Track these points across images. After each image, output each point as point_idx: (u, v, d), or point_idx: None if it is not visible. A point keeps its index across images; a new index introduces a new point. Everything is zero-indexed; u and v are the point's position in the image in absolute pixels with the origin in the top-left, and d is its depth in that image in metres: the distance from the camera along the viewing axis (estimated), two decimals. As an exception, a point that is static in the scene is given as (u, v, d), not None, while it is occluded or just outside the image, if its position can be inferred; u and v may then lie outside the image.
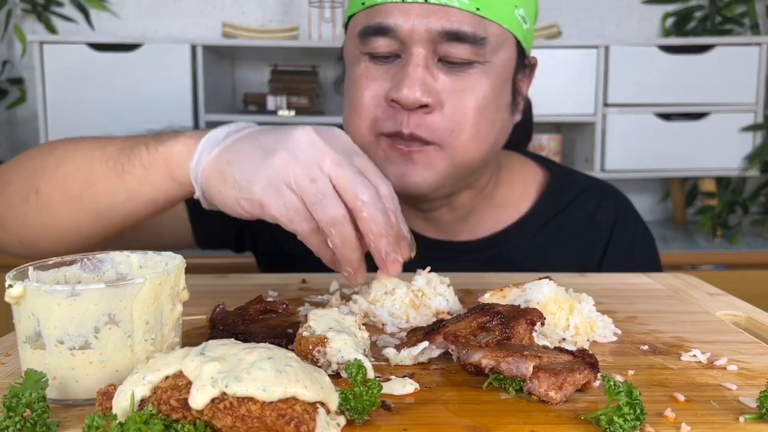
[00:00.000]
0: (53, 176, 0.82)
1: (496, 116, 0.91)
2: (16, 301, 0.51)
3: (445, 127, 0.87)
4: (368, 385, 0.47)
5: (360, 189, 0.66)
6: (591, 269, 1.04)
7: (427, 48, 0.86)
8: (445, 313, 0.73)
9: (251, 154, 0.70)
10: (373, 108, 0.89)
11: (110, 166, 0.79)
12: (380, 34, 0.87)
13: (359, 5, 0.91)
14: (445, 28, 0.84)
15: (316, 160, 0.67)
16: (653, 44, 2.61)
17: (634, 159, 2.65)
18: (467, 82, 0.87)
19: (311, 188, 0.66)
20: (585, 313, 0.68)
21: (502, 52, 0.89)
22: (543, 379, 0.50)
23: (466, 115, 0.87)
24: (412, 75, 0.85)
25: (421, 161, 0.89)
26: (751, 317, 0.76)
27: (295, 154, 0.67)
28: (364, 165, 0.71)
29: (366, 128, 0.90)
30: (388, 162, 0.90)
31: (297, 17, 2.96)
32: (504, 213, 1.06)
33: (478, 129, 0.88)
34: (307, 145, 0.68)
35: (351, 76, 0.93)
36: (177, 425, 0.43)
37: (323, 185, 0.66)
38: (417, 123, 0.86)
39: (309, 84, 2.84)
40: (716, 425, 0.48)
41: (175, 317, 0.56)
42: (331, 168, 0.67)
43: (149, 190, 0.78)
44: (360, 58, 0.91)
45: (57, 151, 0.85)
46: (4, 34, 2.88)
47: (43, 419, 0.46)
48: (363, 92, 0.89)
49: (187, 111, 2.59)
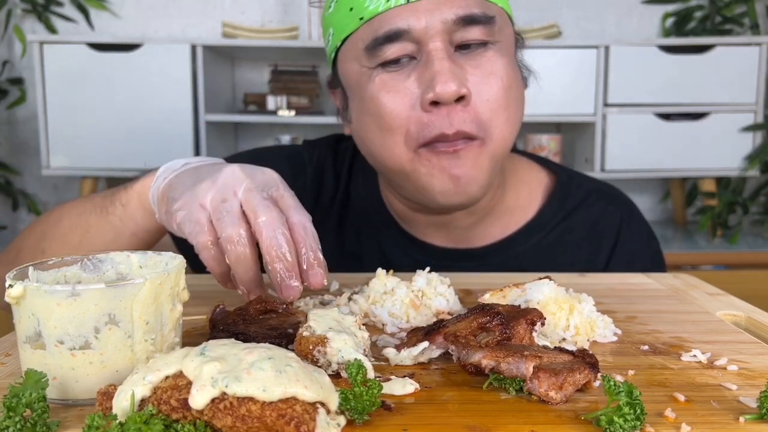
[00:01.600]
0: (55, 235, 0.92)
1: (519, 93, 0.92)
2: (16, 301, 0.51)
3: (485, 115, 0.87)
4: (368, 385, 0.47)
5: (261, 212, 0.67)
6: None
7: (444, 39, 0.85)
8: (445, 313, 0.73)
9: (186, 181, 0.74)
10: (406, 120, 0.86)
11: (98, 212, 0.87)
12: (392, 40, 0.85)
13: (356, 22, 0.88)
14: (458, 15, 0.84)
15: (232, 186, 0.70)
16: (653, 44, 2.61)
17: (634, 159, 2.65)
18: (487, 65, 0.87)
19: (220, 206, 0.68)
20: (585, 313, 0.68)
21: (506, 29, 0.91)
22: (543, 379, 0.50)
23: (498, 98, 0.87)
24: (441, 69, 0.83)
25: (468, 158, 0.87)
26: (751, 317, 0.76)
27: (216, 181, 0.70)
28: (281, 195, 0.71)
29: (403, 145, 0.88)
30: (436, 171, 0.88)
31: (297, 17, 2.96)
32: (512, 218, 1.05)
33: (509, 111, 0.89)
34: (229, 174, 0.71)
35: (366, 95, 0.89)
36: (177, 425, 0.43)
37: (231, 205, 0.68)
38: (460, 119, 0.85)
39: (309, 84, 2.84)
40: (716, 425, 0.48)
41: (175, 317, 0.56)
42: (243, 193, 0.69)
43: (130, 224, 0.85)
44: (371, 73, 0.88)
45: (55, 213, 0.95)
46: (4, 34, 2.88)
47: (43, 419, 0.46)
48: (390, 107, 0.86)
49: (187, 111, 2.59)
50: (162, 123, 2.58)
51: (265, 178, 0.72)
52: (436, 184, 0.88)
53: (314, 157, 1.10)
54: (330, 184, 1.09)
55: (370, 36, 0.86)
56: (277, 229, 0.66)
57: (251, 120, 2.81)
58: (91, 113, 2.56)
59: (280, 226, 0.67)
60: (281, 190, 0.71)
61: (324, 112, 2.84)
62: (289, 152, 1.12)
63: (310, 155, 1.11)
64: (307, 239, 0.68)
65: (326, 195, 1.08)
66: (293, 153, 1.12)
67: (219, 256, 0.69)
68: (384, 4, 0.85)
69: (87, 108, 2.56)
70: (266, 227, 0.66)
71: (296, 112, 2.74)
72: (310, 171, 1.09)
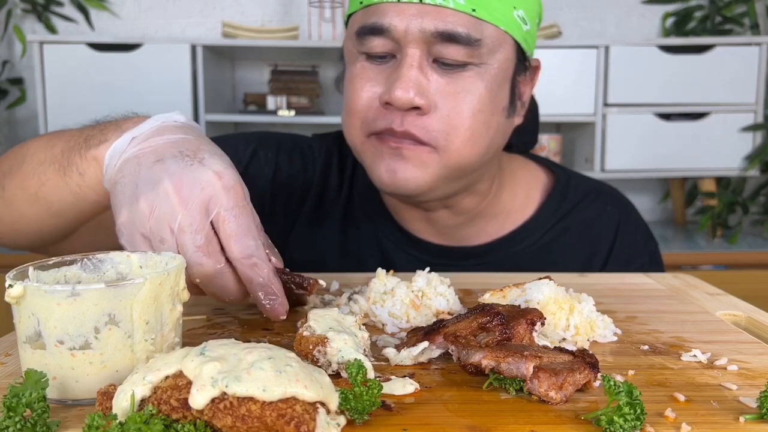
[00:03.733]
0: (16, 175, 0.84)
1: (492, 119, 0.90)
2: (16, 301, 0.51)
3: (439, 129, 0.87)
4: (368, 385, 0.47)
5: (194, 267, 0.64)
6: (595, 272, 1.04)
7: (422, 49, 0.86)
8: (445, 313, 0.73)
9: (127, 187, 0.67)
10: (365, 108, 0.90)
11: (56, 169, 0.79)
12: (376, 33, 0.87)
13: (358, 4, 0.91)
14: (438, 29, 0.84)
15: (167, 221, 0.64)
16: (653, 44, 2.61)
17: (634, 159, 2.65)
18: (461, 84, 0.87)
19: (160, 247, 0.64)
20: (585, 313, 0.68)
21: (499, 53, 0.88)
22: (543, 379, 0.50)
23: (461, 117, 0.87)
24: (405, 76, 0.85)
25: (411, 159, 0.88)
26: (751, 317, 0.76)
27: (153, 210, 0.64)
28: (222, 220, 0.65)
29: (358, 128, 0.92)
30: (378, 158, 0.90)
31: (297, 17, 2.96)
32: (508, 218, 1.06)
33: (472, 132, 0.88)
34: (164, 201, 0.64)
35: (348, 75, 0.93)
36: (177, 425, 0.43)
37: (169, 247, 0.64)
38: (411, 122, 0.87)
39: (309, 84, 2.84)
40: (716, 425, 0.48)
41: (175, 317, 0.56)
42: (177, 233, 0.63)
43: (90, 194, 0.78)
44: (357, 57, 0.91)
45: (23, 150, 0.86)
46: (4, 34, 2.88)
47: (43, 419, 0.46)
48: (358, 93, 0.90)
49: (187, 111, 2.59)
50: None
51: (203, 198, 0.64)
52: (377, 170, 0.91)
53: (323, 150, 1.12)
54: (335, 178, 1.10)
55: (361, 22, 0.89)
56: (215, 281, 0.65)
57: (251, 120, 2.81)
58: (91, 113, 2.55)
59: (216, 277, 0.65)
60: (222, 213, 0.64)
61: (324, 112, 2.84)
62: (302, 143, 1.13)
63: (319, 148, 1.12)
64: (253, 277, 0.65)
65: (332, 189, 1.09)
66: (305, 144, 1.13)
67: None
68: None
69: (87, 108, 2.55)
70: (205, 284, 0.65)
71: (296, 112, 2.74)
72: (319, 163, 1.10)
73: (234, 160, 1.09)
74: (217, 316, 0.75)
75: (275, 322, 0.72)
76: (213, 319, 0.74)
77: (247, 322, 0.73)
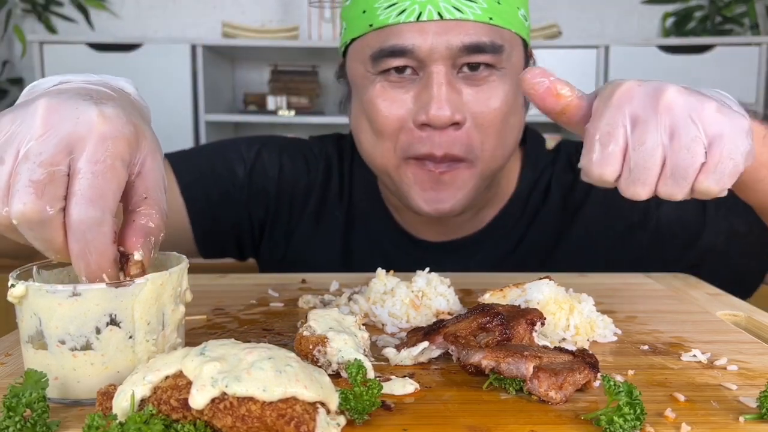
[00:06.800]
0: None
1: (516, 119, 0.93)
2: (18, 301, 0.51)
3: (475, 138, 0.88)
4: (368, 385, 0.47)
5: (16, 202, 0.50)
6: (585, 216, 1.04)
7: (447, 64, 0.86)
8: (445, 313, 0.73)
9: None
10: (398, 129, 0.89)
11: None
12: (396, 56, 0.86)
13: (365, 27, 0.89)
14: (464, 43, 0.85)
15: (17, 143, 0.51)
16: (653, 44, 2.61)
17: (634, 159, 2.64)
18: (489, 91, 0.88)
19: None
20: (585, 313, 0.68)
21: (514, 56, 0.91)
22: (543, 379, 0.50)
23: (494, 122, 0.88)
24: (438, 95, 0.85)
25: (452, 183, 0.89)
26: (751, 317, 0.76)
27: (12, 123, 0.52)
28: (77, 171, 0.51)
29: (390, 153, 0.91)
30: (418, 187, 0.90)
31: (297, 17, 2.96)
32: (501, 200, 1.06)
33: (502, 134, 0.90)
34: (29, 118, 0.52)
35: (365, 98, 0.91)
36: (177, 425, 0.43)
37: (4, 169, 0.50)
38: (450, 142, 0.87)
39: (309, 84, 2.85)
40: (716, 425, 0.48)
41: (177, 318, 0.56)
42: (21, 161, 0.51)
43: None
44: (374, 79, 0.90)
45: None
46: (4, 34, 2.88)
47: (43, 419, 0.46)
48: (385, 115, 0.89)
49: (187, 111, 2.59)
50: (162, 123, 2.56)
51: (70, 133, 0.51)
52: (416, 197, 0.91)
53: (323, 152, 1.12)
54: (336, 181, 1.10)
55: (376, 45, 0.88)
56: (37, 228, 0.50)
57: (251, 120, 2.81)
58: (91, 113, 2.56)
59: (39, 225, 0.50)
60: (81, 164, 0.50)
61: (324, 112, 2.84)
62: (303, 146, 1.13)
63: (319, 150, 1.12)
64: (77, 251, 0.51)
65: (333, 191, 1.10)
66: (306, 148, 1.13)
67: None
68: (394, 18, 0.86)
69: (87, 108, 2.56)
70: (24, 229, 0.51)
71: (296, 112, 2.74)
72: (320, 166, 1.11)
73: (239, 161, 1.10)
74: (217, 316, 0.75)
75: (275, 323, 0.73)
76: (213, 319, 0.74)
77: (247, 322, 0.73)
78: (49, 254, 0.53)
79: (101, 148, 0.51)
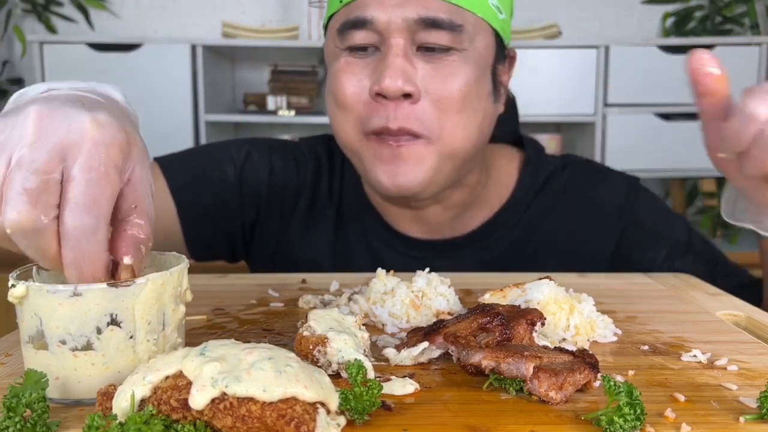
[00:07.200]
0: None
1: (479, 104, 0.92)
2: (18, 301, 0.51)
3: (432, 114, 0.88)
4: (368, 385, 0.47)
5: (8, 211, 0.50)
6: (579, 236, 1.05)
7: (405, 38, 0.87)
8: (445, 313, 0.73)
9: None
10: (357, 104, 0.90)
11: None
12: (358, 27, 0.88)
13: (338, 4, 0.92)
14: (421, 16, 0.86)
15: (10, 147, 0.51)
16: (653, 44, 2.61)
17: (634, 159, 2.65)
18: (447, 69, 0.88)
19: None
20: (585, 313, 0.68)
21: (479, 40, 0.91)
22: (543, 380, 0.50)
23: (451, 100, 0.88)
24: (392, 65, 0.86)
25: (410, 157, 0.89)
26: (751, 317, 0.76)
27: (3, 130, 0.52)
28: (70, 178, 0.50)
29: (352, 128, 0.92)
30: (378, 161, 0.91)
31: (297, 17, 2.96)
32: (494, 204, 1.07)
33: (462, 115, 0.90)
34: (20, 125, 0.52)
35: (332, 72, 0.94)
36: (177, 425, 0.43)
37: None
38: (404, 115, 0.87)
39: (309, 84, 2.85)
40: (716, 425, 0.48)
41: (177, 318, 0.56)
42: (13, 167, 0.50)
43: None
44: (340, 54, 0.92)
45: None
46: (4, 34, 2.88)
47: (43, 419, 0.46)
48: (345, 88, 0.91)
49: (187, 111, 2.59)
50: (162, 123, 2.58)
51: (63, 140, 0.50)
52: (377, 171, 0.91)
53: (313, 153, 1.13)
54: (326, 180, 1.11)
55: (342, 19, 0.90)
56: (31, 237, 0.50)
57: (251, 120, 2.81)
58: (91, 113, 2.56)
59: (33, 234, 0.50)
60: (74, 171, 0.50)
61: (324, 112, 2.84)
62: (293, 147, 1.14)
63: (309, 150, 1.13)
64: (70, 258, 0.50)
65: (323, 190, 1.10)
66: (296, 148, 1.14)
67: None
68: None
69: (87, 108, 2.56)
70: (18, 238, 0.50)
71: (296, 112, 2.74)
72: (310, 166, 1.11)
73: (229, 162, 1.10)
74: (217, 316, 0.75)
75: (276, 323, 0.73)
76: (213, 319, 0.74)
77: (247, 322, 0.73)
78: (43, 263, 0.52)
79: (95, 154, 0.50)
